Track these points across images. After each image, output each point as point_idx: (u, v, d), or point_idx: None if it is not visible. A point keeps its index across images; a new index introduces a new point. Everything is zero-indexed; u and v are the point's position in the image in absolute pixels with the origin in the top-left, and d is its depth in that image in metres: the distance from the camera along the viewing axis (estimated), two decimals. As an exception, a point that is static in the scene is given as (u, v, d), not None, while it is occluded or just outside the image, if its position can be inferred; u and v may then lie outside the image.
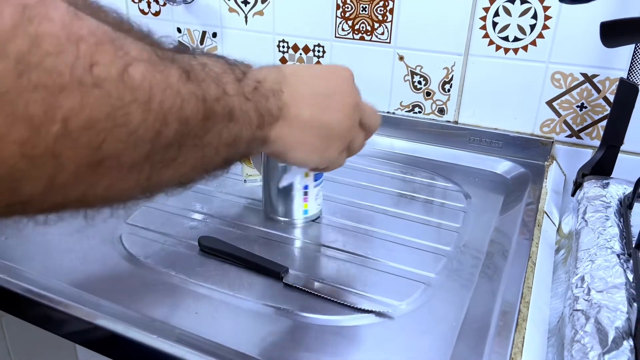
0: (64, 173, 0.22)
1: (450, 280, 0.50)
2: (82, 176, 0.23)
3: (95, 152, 0.22)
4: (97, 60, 0.21)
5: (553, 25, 0.70)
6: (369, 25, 0.81)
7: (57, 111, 0.20)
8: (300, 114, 0.37)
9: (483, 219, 0.62)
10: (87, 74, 0.21)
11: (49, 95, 0.20)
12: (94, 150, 0.22)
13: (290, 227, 0.59)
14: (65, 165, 0.21)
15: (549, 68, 0.73)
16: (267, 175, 0.59)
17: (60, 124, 0.20)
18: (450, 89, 0.79)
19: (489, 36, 0.74)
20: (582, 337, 0.38)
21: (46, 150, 0.20)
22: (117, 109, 0.22)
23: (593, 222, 0.53)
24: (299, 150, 0.38)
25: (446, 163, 0.78)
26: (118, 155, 0.23)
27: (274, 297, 0.46)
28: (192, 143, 0.28)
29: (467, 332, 0.42)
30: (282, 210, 0.59)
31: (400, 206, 0.64)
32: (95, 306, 0.43)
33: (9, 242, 0.53)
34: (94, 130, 0.21)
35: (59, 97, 0.20)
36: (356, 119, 0.42)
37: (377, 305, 0.45)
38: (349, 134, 0.41)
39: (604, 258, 0.46)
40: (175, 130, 0.26)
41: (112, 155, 0.23)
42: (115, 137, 0.22)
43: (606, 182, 0.62)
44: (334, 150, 0.41)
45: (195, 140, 0.28)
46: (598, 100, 0.72)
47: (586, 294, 0.42)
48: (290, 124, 0.36)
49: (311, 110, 0.38)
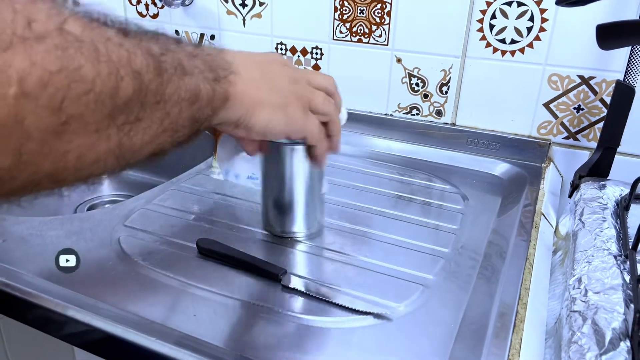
0: (30, 142, 0.22)
1: (448, 282, 0.50)
2: (49, 144, 0.23)
3: (57, 113, 0.22)
4: (34, 17, 0.22)
5: (550, 28, 0.71)
6: (366, 27, 0.81)
7: (10, 71, 0.20)
8: (250, 73, 0.38)
9: (481, 221, 0.62)
10: (27, 30, 0.21)
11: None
12: (56, 111, 0.22)
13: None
14: (31, 132, 0.22)
15: (545, 70, 0.73)
16: (267, 185, 0.56)
17: (17, 85, 0.20)
18: (447, 91, 0.80)
19: (486, 38, 0.74)
20: (580, 338, 0.38)
21: (8, 114, 0.20)
22: (66, 62, 0.22)
23: (590, 224, 0.53)
24: (263, 109, 0.39)
25: (444, 165, 0.78)
26: (80, 115, 0.23)
27: (272, 299, 0.46)
28: (153, 100, 0.28)
29: (464, 333, 0.42)
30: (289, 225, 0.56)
31: (398, 208, 0.65)
32: (93, 308, 0.43)
33: (7, 245, 0.53)
34: (52, 88, 0.22)
35: (7, 56, 0.20)
36: (299, 78, 0.43)
37: (375, 307, 0.45)
38: (302, 91, 0.43)
39: (600, 259, 0.47)
40: (132, 85, 0.26)
41: (75, 115, 0.23)
42: (74, 94, 0.23)
43: (603, 183, 0.62)
44: (296, 109, 0.42)
45: (155, 97, 0.28)
46: (595, 102, 0.72)
47: (583, 295, 0.42)
48: (244, 82, 0.37)
49: (257, 70, 0.39)
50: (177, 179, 0.71)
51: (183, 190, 0.68)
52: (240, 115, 0.38)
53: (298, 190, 0.54)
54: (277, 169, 0.53)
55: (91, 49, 0.24)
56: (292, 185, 0.54)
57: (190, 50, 0.33)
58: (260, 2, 0.87)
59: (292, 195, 0.54)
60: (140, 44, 0.28)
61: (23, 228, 0.56)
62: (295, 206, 0.55)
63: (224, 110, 0.36)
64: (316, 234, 0.57)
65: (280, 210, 0.56)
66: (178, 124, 0.31)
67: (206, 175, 0.72)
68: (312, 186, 0.54)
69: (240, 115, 0.38)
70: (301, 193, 0.54)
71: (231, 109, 0.37)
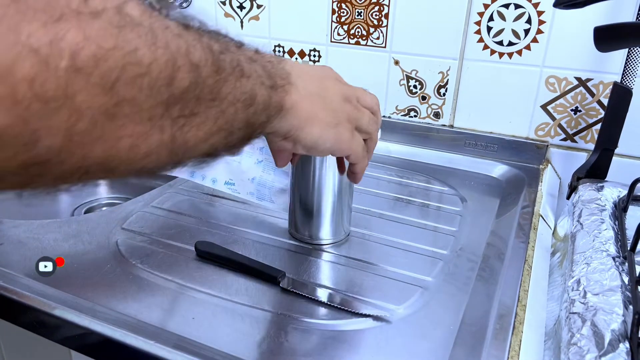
0: (81, 121, 0.21)
1: (447, 283, 0.50)
2: (101, 125, 0.22)
3: (109, 93, 0.21)
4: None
5: (547, 30, 0.71)
6: (364, 29, 0.81)
7: (62, 44, 0.20)
8: (306, 86, 0.38)
9: (479, 223, 0.62)
10: (83, 4, 0.21)
11: (49, 23, 0.19)
12: (108, 90, 0.21)
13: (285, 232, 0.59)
14: (82, 110, 0.21)
15: (543, 72, 0.73)
16: (298, 187, 0.55)
17: (69, 58, 0.20)
18: (445, 93, 0.80)
19: (483, 40, 0.75)
20: (579, 340, 0.38)
21: (58, 88, 0.20)
22: (122, 42, 0.22)
23: (588, 225, 0.53)
24: (314, 125, 0.38)
25: (442, 167, 0.79)
26: (133, 98, 0.23)
27: (271, 301, 0.46)
28: (209, 96, 0.27)
29: (464, 335, 0.42)
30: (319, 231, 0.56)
31: (397, 210, 0.65)
32: (91, 311, 0.43)
33: (4, 248, 0.53)
34: (105, 66, 0.21)
35: (59, 27, 0.20)
36: (351, 95, 0.43)
37: (375, 310, 0.45)
38: (352, 111, 0.42)
39: (599, 261, 0.47)
40: (188, 77, 0.25)
41: (128, 98, 0.22)
42: (129, 76, 0.22)
43: (601, 185, 0.62)
44: (345, 128, 0.41)
45: (211, 93, 0.28)
46: (592, 104, 0.72)
47: (582, 297, 0.42)
48: (300, 94, 0.37)
49: (313, 84, 0.39)
50: (175, 181, 0.71)
51: (181, 192, 0.67)
52: (292, 127, 0.37)
53: (327, 197, 0.54)
54: (308, 176, 0.53)
55: (149, 33, 0.23)
56: (321, 193, 0.53)
57: (250, 54, 0.33)
58: (257, 4, 0.87)
59: (321, 203, 0.54)
60: (201, 39, 0.28)
61: (20, 231, 0.56)
62: (323, 213, 0.55)
63: (277, 118, 0.36)
64: (343, 241, 0.57)
65: (309, 217, 0.55)
66: (233, 126, 0.30)
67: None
68: (341, 194, 0.54)
69: (292, 126, 0.37)
70: (329, 201, 0.54)
71: (285, 119, 0.36)
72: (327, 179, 0.53)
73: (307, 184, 0.53)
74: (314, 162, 0.52)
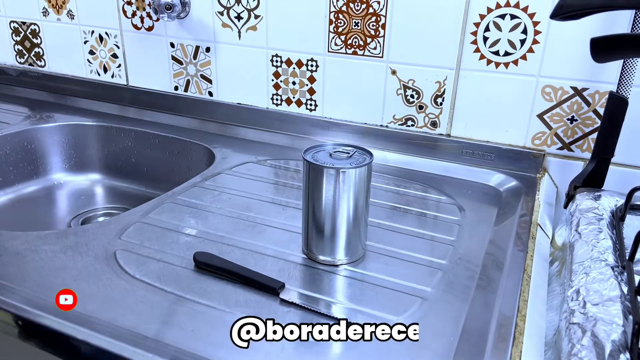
0: None
1: (446, 294, 0.50)
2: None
3: None
4: None
5: (543, 40, 0.71)
6: (361, 40, 0.81)
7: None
8: None
9: (477, 232, 0.62)
10: None
11: None
12: None
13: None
14: None
15: (539, 82, 0.74)
16: (313, 203, 0.53)
17: None
18: (442, 103, 0.80)
19: (480, 50, 0.75)
20: (579, 350, 0.38)
21: None
22: None
23: (586, 235, 0.54)
24: None
25: (439, 176, 0.79)
26: None
27: (270, 313, 0.46)
28: None
29: (464, 346, 0.42)
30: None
31: (394, 219, 0.65)
32: (88, 324, 0.43)
33: (2, 260, 0.53)
34: None
35: None
36: None
37: (374, 321, 0.45)
38: None
39: (598, 271, 0.47)
40: None
41: None
42: None
43: (598, 194, 0.63)
44: None
45: None
46: (588, 113, 0.73)
47: (582, 307, 0.42)
48: None
49: None
50: (173, 192, 0.70)
51: (179, 203, 0.67)
52: None
53: (342, 216, 0.52)
54: (321, 192, 0.51)
55: None
56: (337, 210, 0.52)
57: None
58: (255, 14, 0.87)
59: (336, 221, 0.52)
60: None
61: (18, 243, 0.56)
62: (338, 232, 0.53)
63: None
64: (360, 260, 0.55)
65: (322, 236, 0.53)
66: None
67: (202, 188, 0.72)
68: (357, 211, 0.52)
69: None
70: (344, 219, 0.52)
71: None
72: (342, 200, 0.51)
73: (319, 205, 0.52)
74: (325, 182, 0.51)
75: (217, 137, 0.92)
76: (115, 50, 1.03)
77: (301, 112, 0.90)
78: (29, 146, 0.93)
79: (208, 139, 0.90)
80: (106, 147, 0.97)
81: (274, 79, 0.90)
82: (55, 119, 0.98)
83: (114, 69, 1.04)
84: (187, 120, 0.98)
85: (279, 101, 0.92)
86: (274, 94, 0.91)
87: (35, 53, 1.12)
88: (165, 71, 0.99)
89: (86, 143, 0.98)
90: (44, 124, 0.96)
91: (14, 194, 0.90)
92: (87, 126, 0.98)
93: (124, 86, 1.04)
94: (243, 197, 0.69)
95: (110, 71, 1.05)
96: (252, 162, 0.82)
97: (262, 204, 0.68)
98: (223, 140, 0.91)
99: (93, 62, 1.06)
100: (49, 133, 0.95)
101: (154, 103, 1.01)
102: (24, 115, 1.00)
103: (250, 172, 0.78)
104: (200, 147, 0.88)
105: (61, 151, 0.97)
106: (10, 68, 1.15)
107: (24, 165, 0.92)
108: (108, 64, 1.05)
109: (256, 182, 0.75)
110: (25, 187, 0.92)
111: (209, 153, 0.85)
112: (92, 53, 1.05)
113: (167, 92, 1.00)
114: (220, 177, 0.76)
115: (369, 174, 0.53)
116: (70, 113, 1.02)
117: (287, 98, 0.91)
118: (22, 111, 1.02)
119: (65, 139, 0.97)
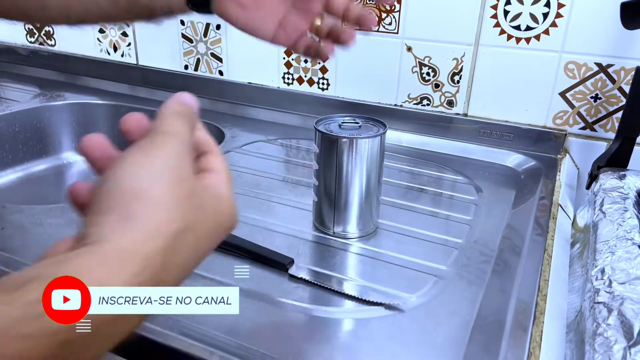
0: None
1: (462, 272, 0.48)
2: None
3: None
4: None
5: (567, 14, 0.68)
6: (376, 15, 0.79)
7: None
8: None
9: (495, 212, 0.60)
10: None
11: None
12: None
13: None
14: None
15: (562, 58, 0.71)
16: (325, 173, 0.51)
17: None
18: (459, 81, 0.77)
19: (500, 25, 0.72)
20: (605, 330, 0.36)
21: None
22: None
23: (611, 214, 0.51)
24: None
25: (456, 156, 0.76)
26: None
27: (279, 289, 0.44)
28: None
29: (481, 325, 0.40)
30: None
31: (409, 199, 0.62)
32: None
33: (6, 232, 0.52)
34: None
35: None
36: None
37: (387, 298, 0.43)
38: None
39: (624, 249, 0.44)
40: None
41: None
42: None
43: (623, 173, 0.60)
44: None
45: None
46: (613, 91, 0.70)
47: (607, 286, 0.40)
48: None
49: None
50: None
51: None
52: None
53: (355, 187, 0.51)
54: (333, 162, 0.50)
55: None
56: (350, 180, 0.51)
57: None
58: (267, -10, 0.85)
59: (349, 191, 0.51)
60: None
61: (23, 216, 0.55)
62: (350, 203, 0.52)
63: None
64: (372, 236, 0.54)
65: (333, 207, 0.52)
66: None
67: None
68: (370, 182, 0.51)
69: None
70: (357, 190, 0.51)
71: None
72: (355, 171, 0.50)
73: (331, 176, 0.51)
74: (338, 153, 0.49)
75: (227, 117, 0.90)
76: (125, 29, 1.01)
77: (313, 91, 0.88)
78: (39, 124, 0.92)
79: (218, 119, 0.88)
80: (115, 126, 0.95)
81: (285, 57, 0.88)
82: (65, 98, 0.97)
83: (124, 47, 1.03)
84: (197, 100, 0.96)
85: (290, 80, 0.89)
86: (285, 72, 0.89)
87: (45, 32, 1.11)
88: (175, 50, 0.97)
89: (96, 122, 0.96)
90: (54, 102, 0.95)
91: (23, 172, 0.90)
92: (96, 105, 0.96)
93: (133, 65, 1.03)
94: (252, 175, 0.68)
95: (120, 50, 1.03)
96: (262, 141, 0.80)
97: (272, 181, 0.66)
98: (233, 119, 0.89)
99: (103, 40, 1.05)
100: (58, 111, 0.94)
101: (164, 82, 0.99)
102: (34, 93, 0.99)
103: (260, 151, 0.76)
104: (210, 126, 0.86)
105: (70, 130, 0.96)
106: (21, 47, 1.14)
107: (33, 144, 0.91)
108: (118, 43, 1.03)
109: (266, 160, 0.73)
110: (35, 166, 0.92)
111: (218, 132, 0.84)
112: (102, 32, 1.04)
113: (177, 71, 0.99)
114: (230, 155, 0.74)
115: (383, 145, 0.51)
116: (80, 92, 1.01)
117: (298, 77, 0.89)
118: (32, 90, 1.01)
119: (75, 117, 0.96)
